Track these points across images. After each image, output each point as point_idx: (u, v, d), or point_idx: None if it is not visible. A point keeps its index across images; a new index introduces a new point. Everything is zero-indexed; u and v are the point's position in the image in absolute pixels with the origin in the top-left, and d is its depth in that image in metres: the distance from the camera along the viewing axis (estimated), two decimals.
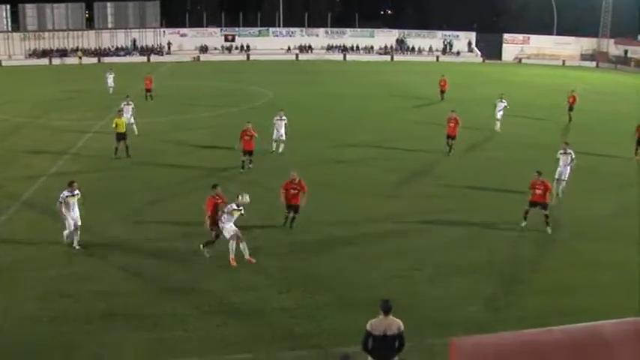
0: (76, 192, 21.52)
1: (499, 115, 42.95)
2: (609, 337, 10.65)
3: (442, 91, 57.81)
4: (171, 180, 30.28)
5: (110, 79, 59.56)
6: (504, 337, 11.11)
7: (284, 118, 34.66)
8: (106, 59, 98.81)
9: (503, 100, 43.70)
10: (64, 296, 17.86)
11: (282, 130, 34.58)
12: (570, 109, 47.51)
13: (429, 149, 36.47)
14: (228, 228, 19.89)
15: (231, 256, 19.87)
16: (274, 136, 34.75)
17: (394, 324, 12.51)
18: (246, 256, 20.01)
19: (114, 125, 34.45)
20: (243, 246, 19.94)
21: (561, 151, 27.69)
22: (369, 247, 21.89)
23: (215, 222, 20.19)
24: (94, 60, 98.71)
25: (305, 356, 14.97)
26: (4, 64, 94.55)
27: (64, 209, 21.13)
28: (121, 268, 20.00)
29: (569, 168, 27.57)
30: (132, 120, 38.92)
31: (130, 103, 39.80)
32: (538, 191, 23.29)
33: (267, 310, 17.28)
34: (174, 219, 24.47)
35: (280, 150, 34.81)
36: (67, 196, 21.23)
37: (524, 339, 10.90)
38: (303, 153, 34.95)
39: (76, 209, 21.36)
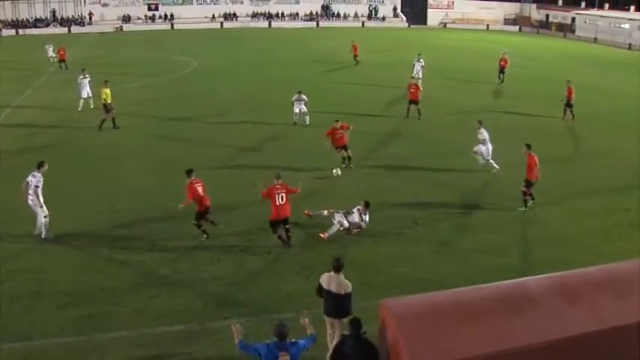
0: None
1: (419, 74, 43.28)
2: (534, 292, 10.91)
3: (355, 56, 58.64)
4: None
5: (50, 51, 61.41)
6: (434, 296, 11.27)
7: (303, 97, 34.49)
8: (25, 31, 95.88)
9: (421, 60, 43.99)
10: None
11: (303, 106, 34.44)
12: (501, 71, 48.14)
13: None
14: None
15: None
16: (295, 111, 34.59)
17: (343, 284, 12.65)
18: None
19: (103, 96, 34.12)
20: None
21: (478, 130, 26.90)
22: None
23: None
24: (12, 32, 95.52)
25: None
26: None
27: (40, 196, 19.57)
28: (46, 246, 19.51)
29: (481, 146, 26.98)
30: (90, 94, 38.02)
31: (87, 76, 38.39)
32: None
33: (199, 280, 17.14)
34: (100, 193, 24.00)
35: (307, 122, 34.56)
36: (40, 180, 19.52)
37: (453, 297, 11.08)
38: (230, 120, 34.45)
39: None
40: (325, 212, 20.39)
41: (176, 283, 17.11)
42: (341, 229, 19.87)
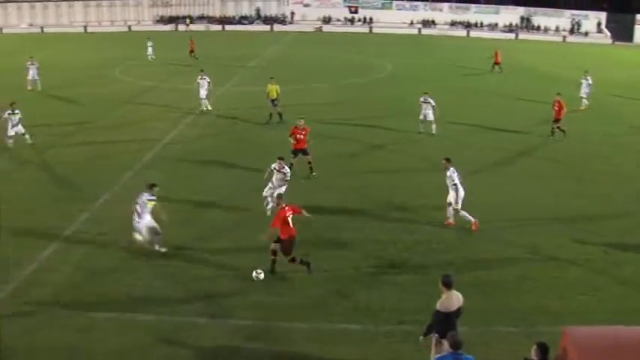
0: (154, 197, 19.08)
1: (585, 92, 41.45)
2: None
3: (496, 63, 58.19)
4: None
5: (150, 49, 64.19)
6: (620, 331, 10.72)
7: (429, 100, 33.73)
8: (230, 27, 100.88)
9: (588, 78, 41.79)
10: None
11: (429, 112, 33.65)
12: None
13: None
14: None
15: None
16: (420, 117, 34.01)
17: (459, 297, 12.41)
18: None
19: (267, 91, 35.99)
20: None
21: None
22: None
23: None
24: (219, 28, 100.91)
25: None
26: (133, 29, 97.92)
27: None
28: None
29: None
30: (205, 95, 38.70)
31: (205, 77, 39.00)
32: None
33: (380, 283, 17.23)
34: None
35: (434, 131, 33.74)
36: (147, 200, 18.85)
37: None
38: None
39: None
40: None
41: (358, 282, 17.39)
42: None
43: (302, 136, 26.43)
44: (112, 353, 13.82)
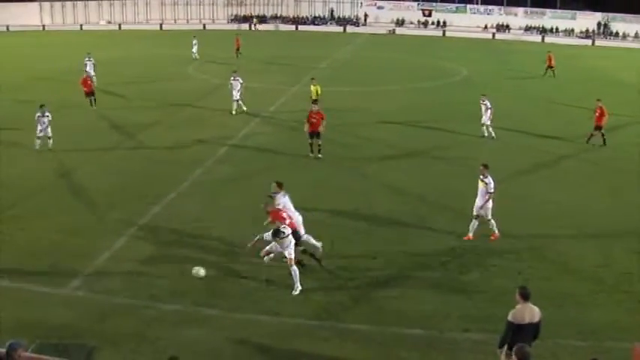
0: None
1: None
2: None
3: (549, 67, 57.23)
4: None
5: (195, 48, 64.11)
6: None
7: (485, 102, 33.40)
8: (303, 27, 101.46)
9: None
10: None
11: (487, 114, 33.29)
12: None
13: None
14: None
15: None
16: (482, 121, 33.62)
17: (536, 311, 12.06)
18: None
19: (311, 92, 36.50)
20: None
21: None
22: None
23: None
24: (292, 28, 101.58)
25: None
26: (207, 27, 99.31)
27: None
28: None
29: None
30: (238, 96, 38.12)
31: (238, 78, 38.45)
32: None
33: (455, 288, 17.04)
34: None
35: (493, 134, 33.44)
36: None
37: None
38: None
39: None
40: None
41: (425, 287, 17.22)
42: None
43: (315, 120, 28.65)
44: (177, 345, 13.97)
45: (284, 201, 18.31)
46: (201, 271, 16.55)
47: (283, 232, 16.52)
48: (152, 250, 19.10)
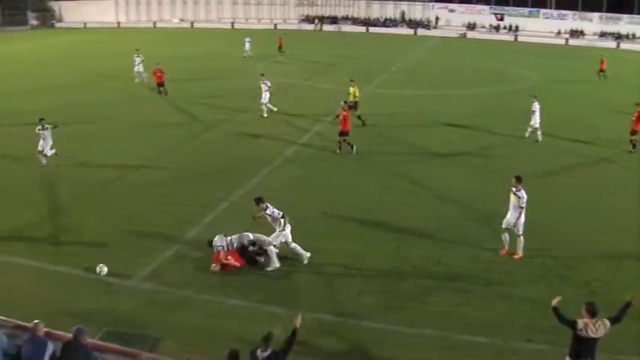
0: None
1: None
2: None
3: (601, 70, 57.46)
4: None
5: (247, 45, 66.03)
6: None
7: (535, 104, 33.12)
8: (374, 29, 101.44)
9: None
10: None
11: (537, 117, 33.01)
12: None
13: None
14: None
15: None
16: (531, 122, 33.30)
17: (601, 329, 11.81)
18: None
19: (349, 93, 36.09)
20: None
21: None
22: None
23: None
24: (362, 29, 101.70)
25: None
26: (279, 27, 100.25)
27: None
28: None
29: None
30: (266, 99, 37.81)
31: (266, 81, 38.16)
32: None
33: (511, 297, 16.82)
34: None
35: (539, 138, 33.10)
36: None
37: None
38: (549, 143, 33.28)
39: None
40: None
41: (490, 294, 17.07)
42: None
43: (341, 118, 30.08)
44: (239, 340, 14.12)
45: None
46: (104, 269, 17.05)
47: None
48: None
